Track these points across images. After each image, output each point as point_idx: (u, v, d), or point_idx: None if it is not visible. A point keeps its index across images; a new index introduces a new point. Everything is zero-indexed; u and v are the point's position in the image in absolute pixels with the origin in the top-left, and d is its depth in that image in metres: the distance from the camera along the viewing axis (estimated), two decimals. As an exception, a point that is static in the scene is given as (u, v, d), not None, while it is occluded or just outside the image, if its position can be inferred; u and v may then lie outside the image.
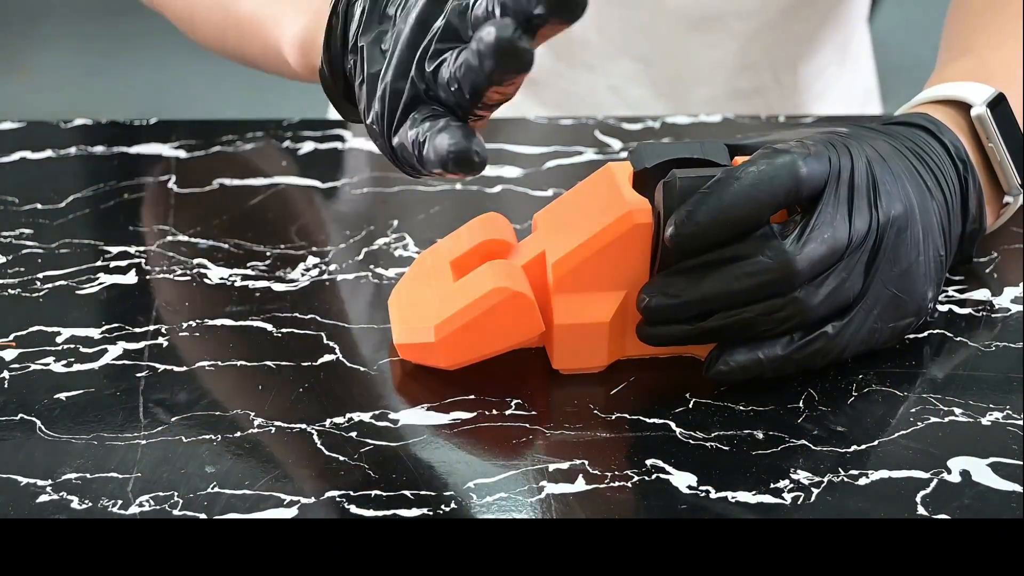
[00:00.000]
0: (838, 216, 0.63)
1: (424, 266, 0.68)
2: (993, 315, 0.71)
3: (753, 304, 0.62)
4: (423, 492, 0.59)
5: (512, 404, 0.64)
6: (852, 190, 0.63)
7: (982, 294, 0.72)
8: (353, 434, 0.62)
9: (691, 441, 0.62)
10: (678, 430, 0.62)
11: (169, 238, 0.76)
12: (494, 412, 0.64)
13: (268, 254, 0.75)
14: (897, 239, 0.64)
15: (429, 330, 0.64)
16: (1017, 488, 0.59)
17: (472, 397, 0.64)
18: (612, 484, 0.59)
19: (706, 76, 1.01)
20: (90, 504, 0.58)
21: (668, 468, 0.60)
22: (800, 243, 0.62)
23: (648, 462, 0.61)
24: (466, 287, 0.64)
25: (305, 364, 0.66)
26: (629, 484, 0.59)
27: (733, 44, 0.99)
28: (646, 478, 0.60)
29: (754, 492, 0.59)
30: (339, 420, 0.63)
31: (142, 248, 0.76)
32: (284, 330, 0.69)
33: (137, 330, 0.69)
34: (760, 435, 0.62)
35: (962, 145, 0.70)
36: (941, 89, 0.73)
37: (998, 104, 0.72)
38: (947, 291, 0.72)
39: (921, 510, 0.58)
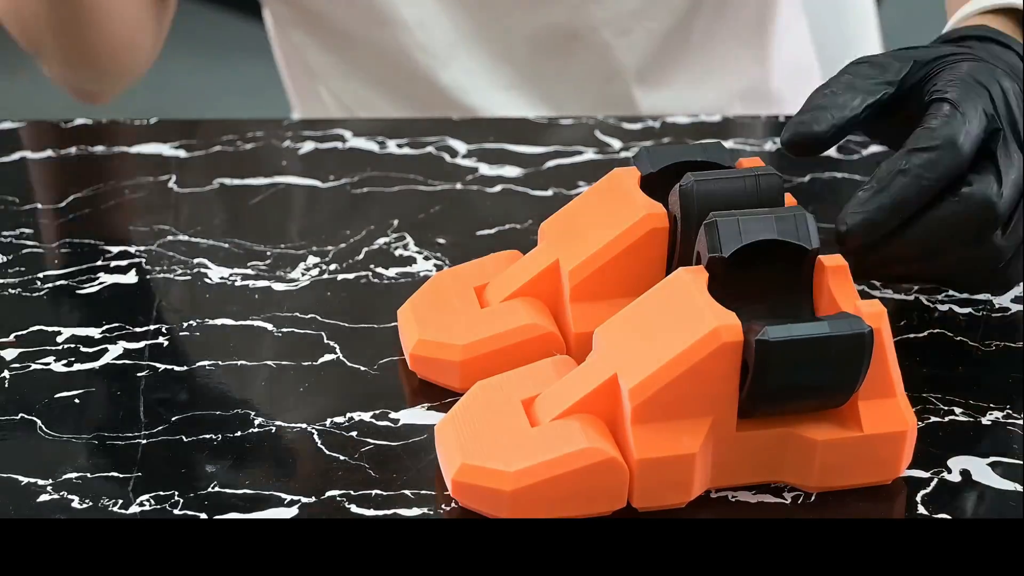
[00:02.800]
0: (1013, 154, 0.63)
1: (443, 285, 0.67)
2: (993, 314, 0.71)
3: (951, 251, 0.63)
4: (423, 492, 0.59)
5: (512, 404, 0.64)
6: (1014, 124, 0.63)
7: (982, 294, 0.72)
8: (353, 434, 0.62)
9: (691, 441, 0.62)
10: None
11: (169, 238, 0.77)
12: (494, 412, 0.63)
13: (268, 254, 0.75)
14: None
15: (454, 348, 0.64)
16: (1017, 487, 0.59)
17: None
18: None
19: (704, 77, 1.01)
20: (90, 503, 0.58)
21: (668, 468, 0.60)
22: (1003, 184, 0.62)
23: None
24: (498, 319, 0.64)
25: (305, 364, 0.66)
26: (629, 484, 0.59)
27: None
28: (646, 478, 0.60)
29: (755, 492, 0.59)
30: (339, 420, 0.63)
31: (142, 248, 0.76)
32: (284, 330, 0.69)
33: (137, 330, 0.69)
34: (760, 435, 0.62)
35: None
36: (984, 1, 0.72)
37: None
38: (947, 290, 0.72)
39: (921, 509, 0.58)
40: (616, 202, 0.64)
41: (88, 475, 0.59)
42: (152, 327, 0.69)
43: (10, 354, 0.67)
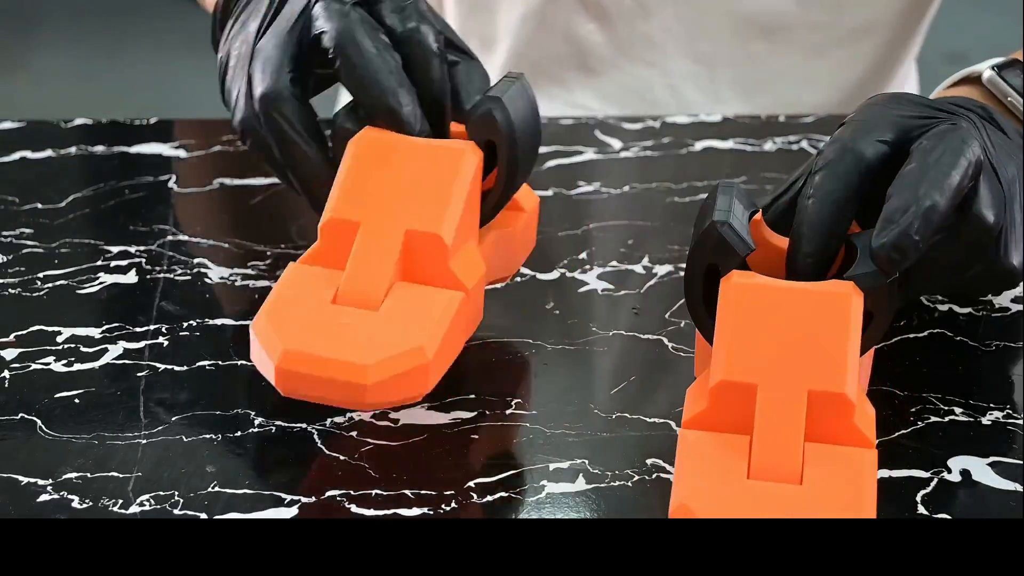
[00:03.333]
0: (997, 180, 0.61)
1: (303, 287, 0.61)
2: (993, 314, 0.71)
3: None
4: (423, 492, 0.59)
5: (512, 403, 0.64)
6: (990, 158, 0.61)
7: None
8: (353, 433, 0.62)
9: (691, 441, 0.62)
10: (679, 429, 0.62)
11: (170, 237, 0.77)
12: (495, 411, 0.64)
13: (269, 253, 0.75)
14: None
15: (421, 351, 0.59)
16: (1017, 487, 0.59)
17: (472, 396, 0.64)
18: (612, 484, 0.60)
19: (767, 84, 1.01)
20: (91, 503, 0.58)
21: (668, 467, 0.60)
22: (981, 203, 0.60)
23: (648, 461, 0.61)
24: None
25: (305, 364, 0.66)
26: (629, 483, 0.60)
27: (798, 56, 1.00)
28: (646, 477, 0.60)
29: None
30: (339, 419, 0.63)
31: (142, 248, 0.75)
32: (284, 330, 0.69)
33: (138, 329, 0.69)
34: (760, 435, 0.62)
35: (984, 105, 0.67)
36: (951, 79, 0.73)
37: (1007, 66, 0.71)
38: (947, 291, 0.72)
39: (921, 509, 0.58)
40: (409, 152, 0.62)
41: (88, 475, 0.59)
42: (152, 327, 0.69)
43: (10, 354, 0.67)
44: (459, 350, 0.62)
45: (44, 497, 0.58)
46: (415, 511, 0.58)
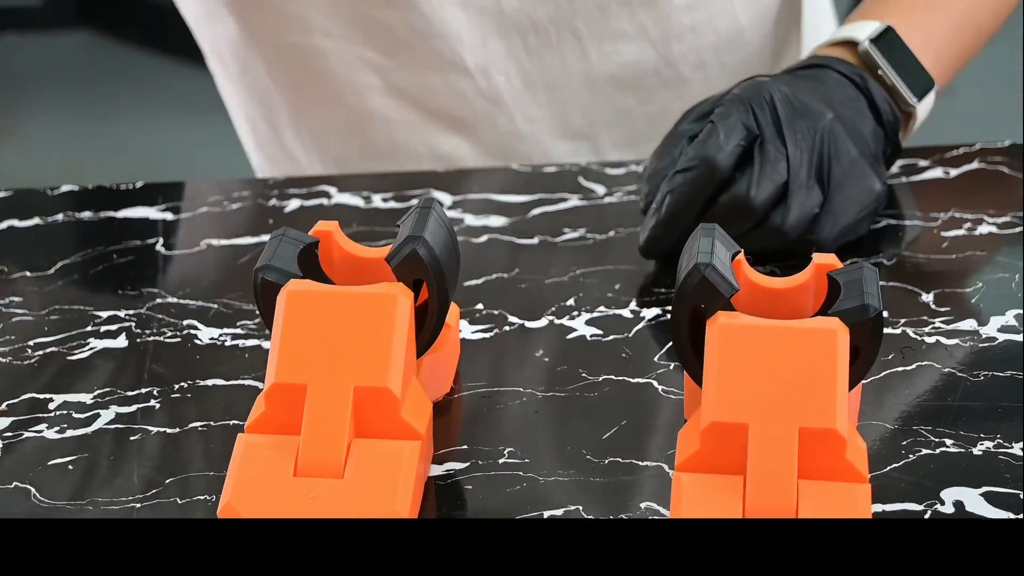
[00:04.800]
0: (770, 154, 0.75)
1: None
2: (980, 344, 0.71)
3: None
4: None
5: (505, 452, 0.64)
6: (779, 126, 0.75)
7: (969, 324, 0.72)
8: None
9: (685, 482, 0.62)
10: (672, 472, 0.62)
11: (159, 300, 0.77)
12: (487, 461, 0.64)
13: (257, 312, 0.75)
14: (833, 146, 0.76)
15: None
16: (1010, 516, 0.59)
17: (464, 447, 0.65)
18: (607, 529, 0.60)
19: (651, 133, 1.01)
20: (87, 570, 0.58)
21: (663, 510, 0.60)
22: (754, 183, 0.74)
23: (643, 505, 0.61)
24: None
25: (297, 421, 0.66)
26: (624, 528, 0.60)
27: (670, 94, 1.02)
28: (641, 521, 0.60)
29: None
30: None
31: (132, 311, 0.76)
32: (275, 388, 0.69)
33: (129, 393, 0.69)
34: (753, 474, 0.62)
35: (855, 66, 0.81)
36: (831, 37, 0.85)
37: (883, 36, 0.83)
38: (934, 322, 0.72)
39: (916, 542, 0.58)
40: (341, 303, 0.61)
41: (84, 541, 0.59)
42: (143, 390, 0.69)
43: (2, 423, 0.67)
44: (422, 492, 0.62)
45: (40, 565, 0.58)
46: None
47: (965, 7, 0.88)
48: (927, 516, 0.59)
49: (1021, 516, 0.57)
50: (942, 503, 0.60)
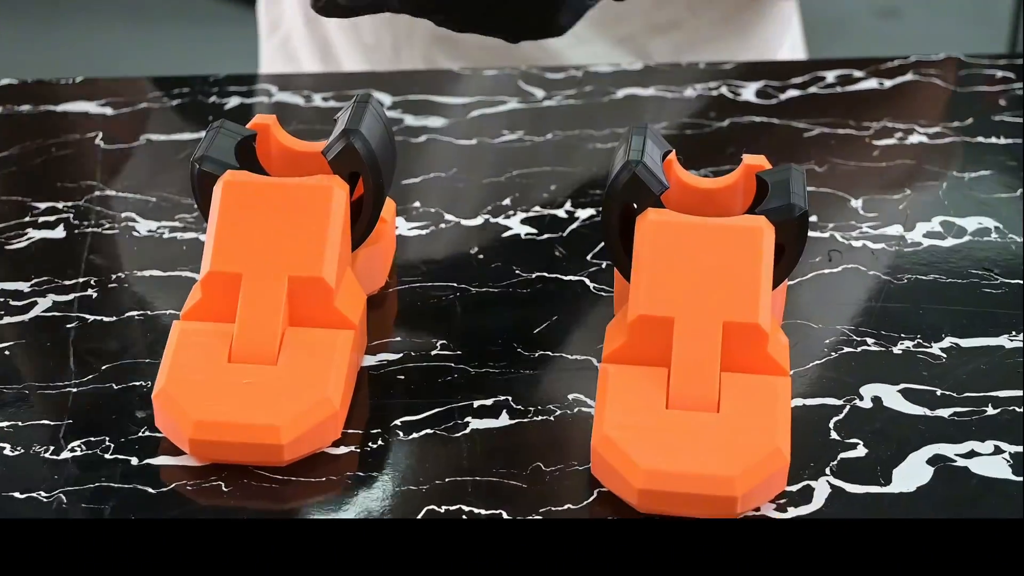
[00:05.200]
0: None
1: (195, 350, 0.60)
2: (905, 249, 0.72)
3: None
4: (350, 431, 0.60)
5: (437, 344, 0.65)
6: None
7: (895, 229, 0.74)
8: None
9: (612, 376, 0.63)
10: (599, 365, 0.63)
11: (97, 193, 0.77)
12: (420, 353, 0.65)
13: (195, 206, 0.76)
14: None
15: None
16: (926, 411, 0.61)
17: (398, 339, 0.66)
18: (535, 419, 0.61)
19: (622, 14, 1.02)
20: (22, 451, 0.59)
21: (590, 402, 0.62)
22: None
23: (570, 396, 0.62)
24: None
25: (233, 311, 0.67)
26: (552, 418, 0.61)
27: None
28: (568, 412, 0.61)
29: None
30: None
31: (70, 203, 0.76)
32: (212, 279, 0.70)
33: (67, 282, 0.69)
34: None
35: None
36: None
37: None
38: (861, 227, 0.74)
39: (833, 435, 0.60)
40: (277, 194, 0.61)
41: (19, 423, 0.60)
42: (81, 279, 0.70)
43: (-61, 309, 0.67)
44: (354, 381, 0.63)
45: (-24, 446, 0.59)
46: (343, 449, 0.59)
47: None
48: (846, 411, 0.61)
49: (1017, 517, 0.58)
50: (861, 398, 0.62)
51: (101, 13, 2.92)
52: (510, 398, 0.62)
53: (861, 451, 0.59)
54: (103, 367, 0.64)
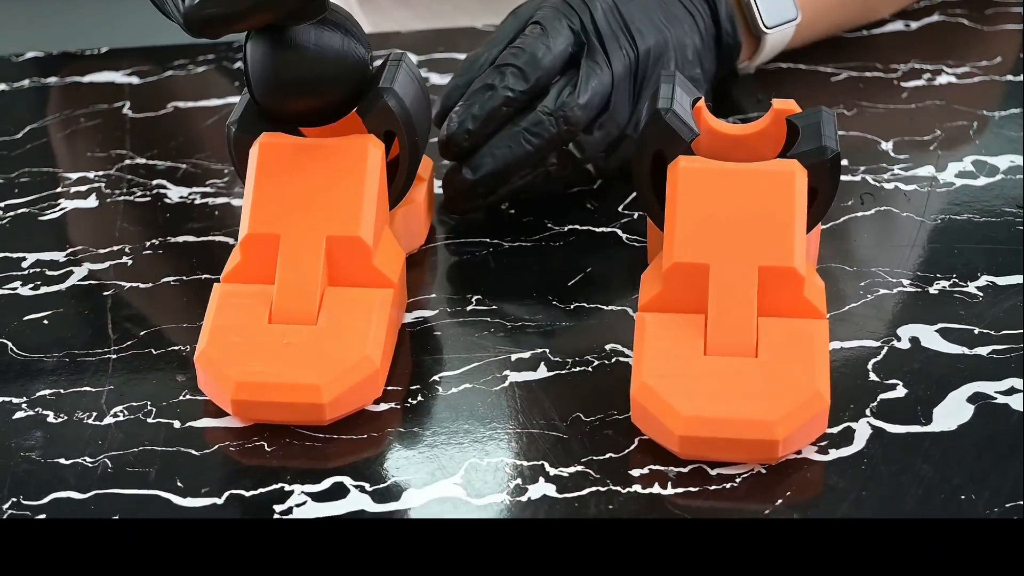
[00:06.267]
0: (599, 62, 0.68)
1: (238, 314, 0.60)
2: (938, 190, 0.72)
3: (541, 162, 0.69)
4: (390, 388, 0.60)
5: (472, 300, 0.65)
6: (601, 38, 0.69)
7: (926, 170, 0.74)
8: (319, 337, 0.63)
9: (648, 325, 0.63)
10: (635, 314, 0.63)
11: (127, 161, 0.77)
12: (456, 308, 0.65)
13: (225, 171, 0.76)
14: (656, 66, 0.70)
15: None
16: (964, 350, 0.61)
17: (433, 296, 0.66)
18: (573, 370, 0.61)
19: None
20: (66, 417, 0.59)
21: (627, 351, 0.62)
22: (574, 94, 0.67)
23: (607, 346, 0.62)
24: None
25: (268, 274, 0.67)
26: (590, 368, 0.61)
27: None
28: (606, 362, 0.61)
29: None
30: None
31: (100, 173, 0.76)
32: (246, 243, 0.70)
33: (101, 251, 0.70)
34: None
35: None
36: None
37: None
38: (892, 169, 0.74)
39: (873, 376, 0.60)
40: (313, 154, 0.62)
41: (62, 391, 0.61)
42: (115, 248, 0.70)
43: (-23, 281, 0.68)
44: (395, 339, 0.63)
45: (19, 415, 0.59)
46: (383, 407, 0.59)
47: None
48: (884, 352, 0.61)
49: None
50: (899, 339, 0.62)
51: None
52: (547, 350, 0.62)
53: (901, 391, 0.59)
54: (141, 333, 0.64)
